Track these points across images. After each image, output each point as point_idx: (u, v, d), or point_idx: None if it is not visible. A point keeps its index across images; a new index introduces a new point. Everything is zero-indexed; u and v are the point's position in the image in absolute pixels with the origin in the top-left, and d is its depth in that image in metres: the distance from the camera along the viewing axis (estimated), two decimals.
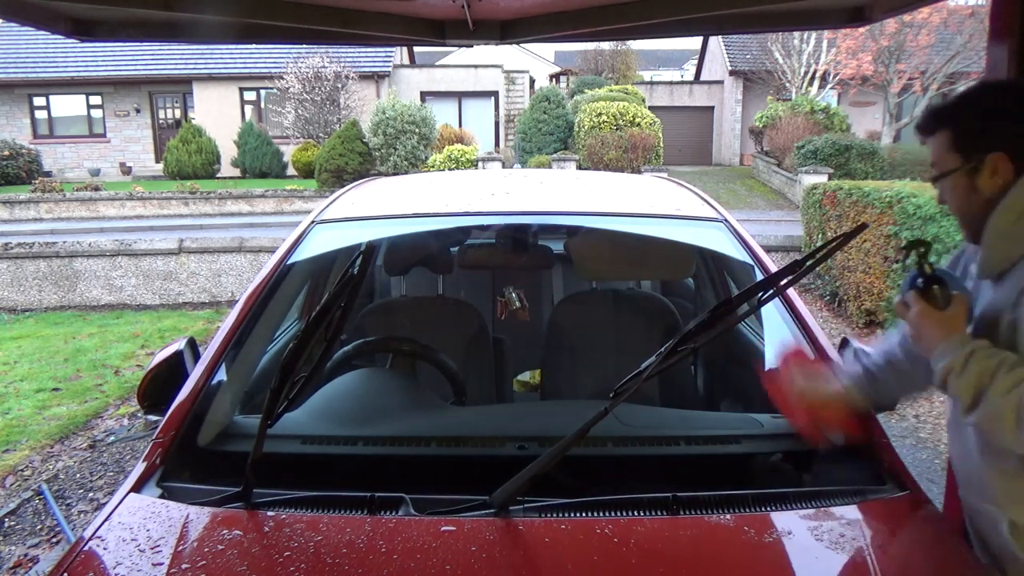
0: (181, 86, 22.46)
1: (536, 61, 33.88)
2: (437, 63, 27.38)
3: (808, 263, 1.30)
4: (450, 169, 16.46)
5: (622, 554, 1.21)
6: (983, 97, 1.38)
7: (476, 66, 23.72)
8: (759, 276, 1.95)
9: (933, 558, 1.27)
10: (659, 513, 1.31)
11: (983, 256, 1.34)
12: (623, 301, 2.51)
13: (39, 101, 22.57)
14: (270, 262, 2.09)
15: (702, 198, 2.49)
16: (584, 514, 1.30)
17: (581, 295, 2.63)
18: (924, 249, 1.33)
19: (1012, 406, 1.17)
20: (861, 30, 17.58)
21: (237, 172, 20.50)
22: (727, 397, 2.38)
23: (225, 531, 1.28)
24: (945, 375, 1.25)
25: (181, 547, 1.24)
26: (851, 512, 1.33)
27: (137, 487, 1.43)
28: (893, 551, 1.27)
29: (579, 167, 17.24)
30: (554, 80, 27.61)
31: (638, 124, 18.06)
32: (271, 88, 20.94)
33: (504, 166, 17.68)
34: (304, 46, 17.32)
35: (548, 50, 38.10)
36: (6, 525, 3.74)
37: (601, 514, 1.29)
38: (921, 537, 1.31)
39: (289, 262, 2.08)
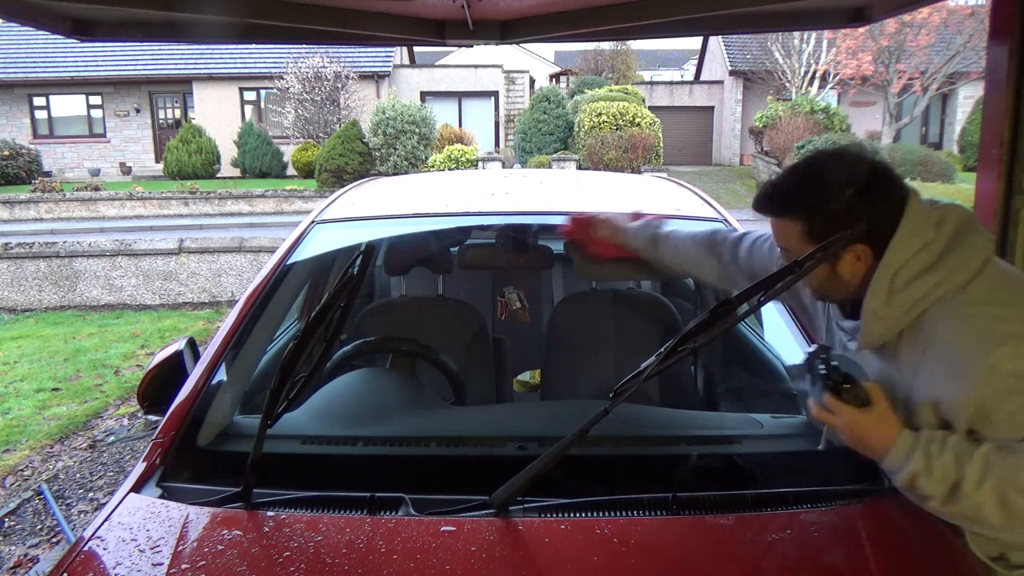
0: (181, 86, 22.47)
1: (536, 61, 33.88)
2: (437, 63, 27.39)
3: (808, 263, 1.30)
4: (450, 169, 16.47)
5: (622, 554, 1.21)
6: (829, 188, 1.28)
7: (476, 66, 23.72)
8: None
9: (933, 558, 1.27)
10: (659, 513, 1.31)
11: (862, 335, 1.32)
12: (623, 301, 2.51)
13: (39, 101, 22.58)
14: (270, 262, 2.09)
15: (702, 198, 2.49)
16: (584, 514, 1.30)
17: (581, 295, 2.63)
18: (825, 354, 1.28)
19: (992, 496, 1.16)
20: (861, 30, 17.59)
21: (237, 172, 20.51)
22: (727, 397, 2.38)
23: (225, 531, 1.28)
24: (912, 480, 1.21)
25: (181, 547, 1.24)
26: (851, 512, 1.33)
27: (137, 487, 1.43)
28: (893, 551, 1.27)
29: (579, 167, 17.25)
30: (554, 80, 27.61)
31: (638, 124, 18.06)
32: (271, 88, 20.95)
33: (504, 166, 17.68)
34: (304, 46, 17.33)
35: (548, 50, 38.12)
36: (6, 525, 3.74)
37: (601, 514, 1.29)
38: (921, 537, 1.31)
39: (289, 262, 2.08)
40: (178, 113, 23.11)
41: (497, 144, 23.13)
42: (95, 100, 22.65)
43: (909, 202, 1.28)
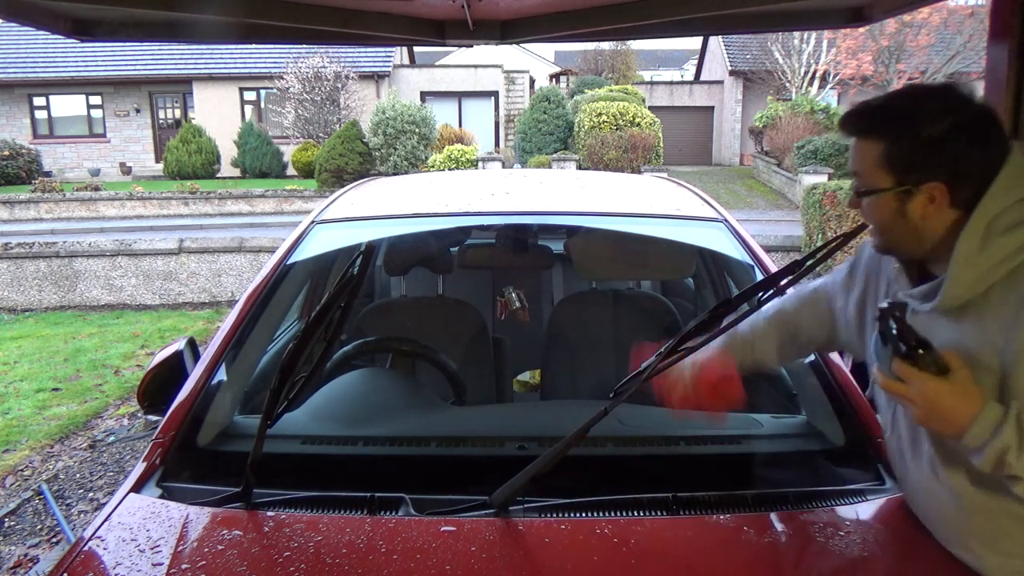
0: (181, 86, 22.46)
1: (536, 61, 33.88)
2: (437, 63, 27.38)
3: (808, 263, 1.30)
4: (450, 169, 16.47)
5: (622, 554, 1.21)
6: (926, 114, 1.16)
7: (476, 66, 23.72)
8: (759, 276, 1.96)
9: (933, 559, 1.27)
10: (659, 513, 1.31)
11: (947, 287, 1.14)
12: (623, 301, 2.51)
13: (39, 101, 22.56)
14: (270, 262, 2.09)
15: (702, 198, 2.49)
16: (584, 514, 1.30)
17: (581, 295, 2.63)
18: (901, 312, 1.11)
19: None
20: (861, 30, 17.59)
21: (237, 172, 20.50)
22: None
23: (225, 531, 1.28)
24: (1000, 456, 1.06)
25: (181, 547, 1.24)
26: (851, 512, 1.33)
27: (137, 487, 1.43)
28: (893, 551, 1.27)
29: (579, 167, 17.25)
30: (554, 80, 27.60)
31: (638, 124, 18.05)
32: (271, 88, 20.94)
33: (504, 166, 17.68)
34: (304, 46, 17.32)
35: (548, 50, 38.12)
36: (6, 525, 3.74)
37: (601, 514, 1.29)
38: (921, 537, 1.31)
39: (289, 262, 2.09)
40: (178, 113, 23.09)
41: (497, 144, 23.12)
42: (95, 100, 22.64)
43: (1013, 151, 1.16)
